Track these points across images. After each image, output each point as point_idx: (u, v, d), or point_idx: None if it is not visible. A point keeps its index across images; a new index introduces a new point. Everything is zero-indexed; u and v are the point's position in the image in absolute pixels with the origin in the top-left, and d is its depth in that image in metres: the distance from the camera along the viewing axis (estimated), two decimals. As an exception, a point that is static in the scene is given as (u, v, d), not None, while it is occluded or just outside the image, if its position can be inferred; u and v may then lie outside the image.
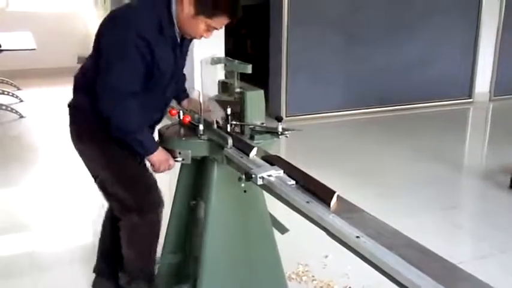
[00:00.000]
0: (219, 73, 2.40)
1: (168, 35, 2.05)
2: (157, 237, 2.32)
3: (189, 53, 2.32)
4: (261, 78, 5.63)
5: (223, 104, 2.28)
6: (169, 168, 2.21)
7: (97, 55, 2.07)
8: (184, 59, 2.30)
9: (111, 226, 2.42)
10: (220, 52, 5.04)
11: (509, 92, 7.04)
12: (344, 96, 6.18)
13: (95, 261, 2.55)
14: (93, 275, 2.56)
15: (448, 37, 6.55)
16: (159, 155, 2.16)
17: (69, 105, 2.24)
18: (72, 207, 3.61)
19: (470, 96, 6.92)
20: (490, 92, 7.04)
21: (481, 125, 6.56)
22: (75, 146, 2.25)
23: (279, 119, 2.18)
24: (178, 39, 2.13)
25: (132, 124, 2.08)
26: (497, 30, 6.81)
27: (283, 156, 1.92)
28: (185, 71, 2.46)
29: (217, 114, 2.25)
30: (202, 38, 2.11)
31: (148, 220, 2.24)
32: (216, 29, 2.09)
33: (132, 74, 2.01)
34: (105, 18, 2.10)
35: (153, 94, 2.14)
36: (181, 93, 2.50)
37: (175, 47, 2.12)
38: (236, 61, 2.28)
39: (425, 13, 6.35)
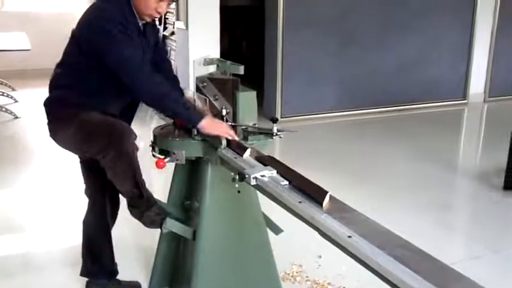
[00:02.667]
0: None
1: (131, 22, 2.18)
2: (137, 162, 2.23)
3: (184, 53, 2.35)
4: (257, 79, 5.64)
5: (216, 83, 2.29)
6: (229, 133, 2.10)
7: (79, 54, 2.21)
8: (151, 51, 2.37)
9: (92, 218, 2.47)
10: (215, 53, 5.05)
11: (503, 93, 7.07)
12: (339, 97, 6.19)
13: (82, 264, 2.55)
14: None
15: (442, 38, 6.58)
16: (208, 120, 2.12)
17: (44, 104, 2.31)
18: (66, 208, 3.60)
19: (464, 97, 6.95)
20: (484, 93, 7.07)
21: (475, 126, 6.58)
22: (55, 140, 2.31)
23: (274, 120, 2.19)
24: (141, 27, 2.27)
25: (163, 87, 2.15)
26: (492, 31, 6.84)
27: (277, 157, 1.93)
28: (180, 71, 2.48)
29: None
30: (160, 13, 2.23)
31: (124, 149, 2.17)
32: None
33: (134, 49, 2.14)
34: (81, 22, 2.22)
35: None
36: None
37: (139, 33, 2.24)
38: (228, 62, 2.29)
39: (419, 14, 6.36)
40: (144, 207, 2.23)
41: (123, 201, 2.34)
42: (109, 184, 2.35)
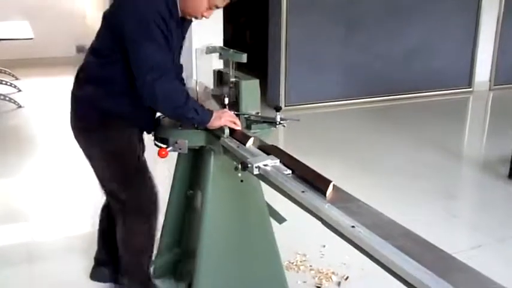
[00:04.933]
0: (216, 62, 2.39)
1: (173, 15, 2.07)
2: (154, 240, 2.33)
3: (187, 41, 2.32)
4: (260, 68, 5.61)
5: (217, 100, 2.28)
6: (233, 121, 2.09)
7: (111, 40, 2.08)
8: (182, 43, 2.31)
9: (107, 213, 2.44)
10: (218, 41, 5.02)
11: (509, 81, 7.02)
12: (343, 86, 6.16)
13: (96, 249, 2.56)
14: (91, 265, 2.57)
15: (448, 26, 6.52)
16: (215, 116, 2.09)
17: (74, 94, 2.21)
18: (70, 197, 3.60)
19: (470, 85, 6.90)
20: (490, 81, 7.02)
21: (480, 115, 6.55)
22: (77, 138, 2.24)
23: (278, 109, 2.18)
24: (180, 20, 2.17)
25: (181, 95, 2.06)
26: (498, 19, 6.78)
27: (281, 146, 1.92)
28: (183, 59, 2.45)
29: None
30: (203, 18, 2.16)
31: (148, 226, 2.25)
32: (218, 7, 2.13)
33: (160, 50, 2.01)
34: (119, 3, 2.10)
35: None
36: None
37: (178, 27, 2.15)
38: (231, 50, 2.27)
39: (425, 1, 6.30)
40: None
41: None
42: None
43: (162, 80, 1.99)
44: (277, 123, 2.16)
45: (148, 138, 2.34)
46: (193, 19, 2.22)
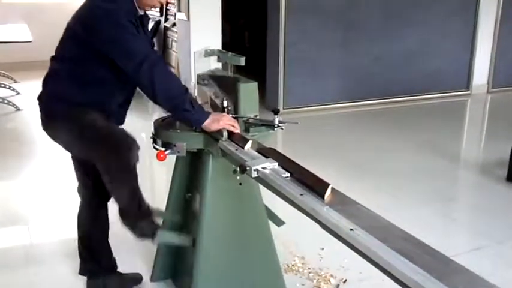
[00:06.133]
0: (215, 65, 2.39)
1: (134, 13, 2.12)
2: (136, 175, 2.23)
3: (186, 44, 2.33)
4: (259, 70, 5.62)
5: (217, 80, 2.27)
6: (231, 124, 2.08)
7: (79, 47, 2.17)
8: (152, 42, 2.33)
9: (88, 216, 2.43)
10: (217, 44, 5.03)
11: (507, 84, 7.04)
12: (342, 89, 6.17)
13: (80, 263, 2.54)
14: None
15: (446, 29, 6.54)
16: (211, 117, 2.09)
17: (39, 98, 2.31)
18: (69, 200, 3.59)
19: (468, 88, 6.91)
20: (488, 84, 7.03)
21: (478, 118, 6.56)
22: (49, 133, 2.36)
23: (276, 112, 2.17)
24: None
25: (179, 84, 2.08)
26: (495, 22, 6.80)
27: (280, 149, 1.92)
28: (182, 62, 2.46)
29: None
30: (161, 3, 2.19)
31: (128, 163, 2.16)
32: None
33: (142, 42, 2.07)
34: (85, 14, 2.16)
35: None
36: None
37: (142, 26, 2.18)
38: (230, 53, 2.27)
39: (423, 4, 6.32)
40: (138, 218, 2.21)
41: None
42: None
43: (158, 66, 2.02)
44: (276, 126, 2.16)
45: (147, 140, 2.34)
46: (151, 15, 2.24)
